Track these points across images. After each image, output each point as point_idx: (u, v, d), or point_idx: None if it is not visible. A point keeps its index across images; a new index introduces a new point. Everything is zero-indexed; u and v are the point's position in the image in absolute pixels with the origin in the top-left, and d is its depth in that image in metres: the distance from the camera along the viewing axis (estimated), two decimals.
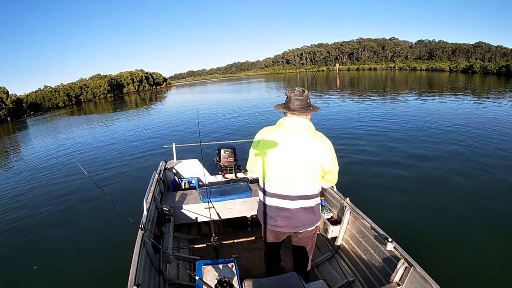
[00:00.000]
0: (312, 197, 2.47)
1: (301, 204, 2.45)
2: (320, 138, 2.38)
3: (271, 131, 2.49)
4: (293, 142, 2.36)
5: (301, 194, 2.43)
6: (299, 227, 2.53)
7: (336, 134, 11.65)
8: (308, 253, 2.75)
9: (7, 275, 4.98)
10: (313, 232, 2.68)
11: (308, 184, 2.41)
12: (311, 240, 2.72)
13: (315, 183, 2.45)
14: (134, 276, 2.36)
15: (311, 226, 2.57)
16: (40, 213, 7.29)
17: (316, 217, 2.56)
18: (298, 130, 2.39)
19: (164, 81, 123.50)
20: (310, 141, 2.35)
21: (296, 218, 2.49)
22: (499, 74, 48.08)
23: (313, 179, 2.42)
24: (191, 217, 4.20)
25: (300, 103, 2.39)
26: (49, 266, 5.08)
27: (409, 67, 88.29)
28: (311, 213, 2.51)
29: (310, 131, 2.40)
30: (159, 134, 16.09)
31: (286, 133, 2.40)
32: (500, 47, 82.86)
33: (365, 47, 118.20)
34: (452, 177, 6.90)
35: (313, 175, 2.40)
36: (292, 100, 2.41)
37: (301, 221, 2.51)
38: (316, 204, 2.53)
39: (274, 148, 2.40)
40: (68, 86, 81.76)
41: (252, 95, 37.42)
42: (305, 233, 2.62)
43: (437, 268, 2.80)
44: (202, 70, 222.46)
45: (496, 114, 13.90)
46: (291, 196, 2.43)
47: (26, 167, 12.64)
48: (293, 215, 2.48)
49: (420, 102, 20.44)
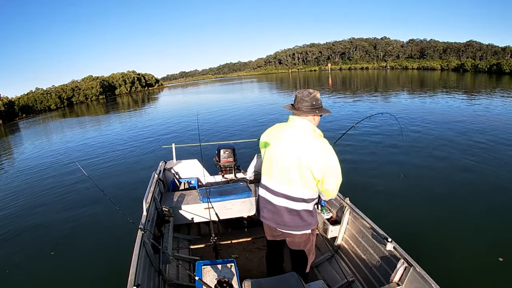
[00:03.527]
0: (297, 201, 2.43)
1: (284, 203, 2.47)
2: (316, 141, 2.33)
3: (276, 127, 2.56)
4: (289, 140, 2.39)
5: (285, 193, 2.45)
6: (283, 226, 2.54)
7: (336, 133, 11.55)
8: (303, 256, 2.72)
9: (7, 275, 4.96)
10: (304, 239, 2.62)
11: (296, 185, 2.39)
12: (304, 245, 2.66)
13: (304, 188, 2.40)
14: (134, 276, 2.36)
15: (297, 230, 2.54)
16: (40, 214, 7.26)
17: (304, 223, 2.50)
18: (297, 129, 2.40)
19: (156, 82, 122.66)
20: (304, 142, 2.34)
21: (279, 215, 2.52)
22: (490, 72, 48.73)
23: (303, 182, 2.37)
24: (190, 217, 4.20)
25: (305, 104, 2.39)
26: (49, 267, 5.07)
27: (401, 66, 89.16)
28: (297, 216, 2.48)
29: (309, 132, 2.38)
30: (158, 134, 16.03)
31: (285, 131, 2.45)
32: (491, 45, 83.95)
33: (356, 46, 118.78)
34: (452, 177, 6.93)
35: (301, 177, 2.36)
36: (297, 100, 2.44)
37: (284, 221, 2.52)
38: (303, 210, 2.47)
39: (272, 143, 2.50)
40: (60, 88, 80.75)
41: (251, 95, 37.32)
42: (294, 236, 2.60)
43: (437, 268, 2.81)
44: (194, 71, 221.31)
45: (489, 112, 14.10)
46: (275, 191, 2.49)
47: (24, 169, 12.50)
48: (276, 210, 2.53)
49: (413, 100, 20.61)
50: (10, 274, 4.99)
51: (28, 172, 11.71)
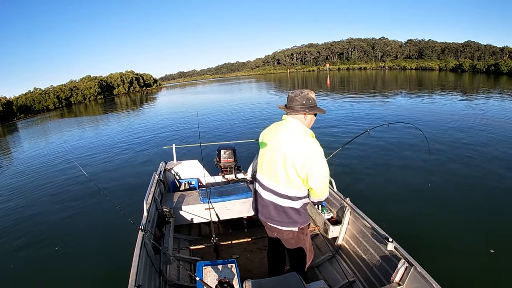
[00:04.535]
0: (283, 197, 2.47)
1: (271, 198, 2.53)
2: (303, 140, 2.35)
3: (272, 126, 2.63)
4: (278, 138, 2.46)
5: (272, 189, 2.50)
6: (270, 220, 2.59)
7: (335, 134, 11.71)
8: (299, 255, 2.73)
9: (8, 275, 4.96)
10: (291, 236, 2.62)
11: (282, 182, 2.43)
12: (295, 243, 2.66)
13: (290, 185, 2.42)
14: (135, 277, 2.36)
15: (283, 226, 2.55)
16: (40, 214, 7.25)
17: (289, 220, 2.52)
18: (286, 128, 2.45)
19: (155, 82, 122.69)
20: (291, 140, 2.36)
21: (267, 209, 2.59)
22: (488, 73, 48.81)
23: (288, 179, 2.40)
24: (191, 218, 4.20)
25: (295, 102, 2.42)
26: (49, 267, 5.06)
27: (399, 67, 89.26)
28: (283, 212, 2.51)
29: (296, 131, 2.40)
30: (158, 135, 15.99)
31: (277, 129, 2.51)
32: (489, 46, 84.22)
33: (355, 47, 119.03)
34: (452, 177, 6.94)
35: (286, 174, 2.38)
36: (289, 99, 2.48)
37: (271, 215, 2.56)
38: (289, 207, 2.49)
39: (266, 141, 2.60)
40: (58, 88, 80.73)
41: (250, 95, 37.28)
42: (281, 232, 2.62)
43: (437, 268, 2.81)
44: (193, 71, 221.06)
45: (488, 112, 14.13)
46: (265, 186, 2.57)
47: (24, 169, 12.46)
48: (265, 204, 2.60)
49: (413, 100, 20.62)
50: (10, 274, 4.99)
51: (27, 173, 11.67)
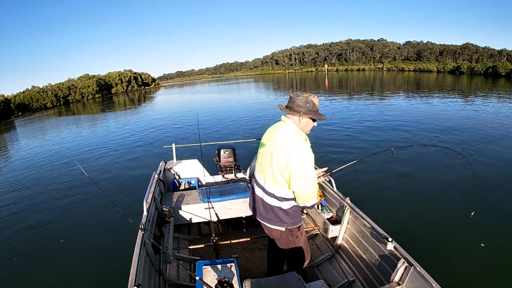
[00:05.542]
0: (270, 196, 2.50)
1: (261, 195, 2.59)
2: (291, 141, 2.35)
3: (271, 126, 2.65)
4: (271, 136, 2.51)
5: (261, 185, 2.56)
6: (260, 216, 2.65)
7: (335, 134, 11.72)
8: (295, 254, 2.74)
9: (7, 275, 4.95)
10: (279, 235, 2.64)
11: (269, 180, 2.46)
12: (286, 243, 2.68)
13: (276, 184, 2.43)
14: (135, 276, 2.36)
15: (270, 223, 2.59)
16: (39, 214, 7.23)
17: (277, 218, 2.54)
18: (281, 128, 2.47)
19: (153, 81, 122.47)
20: (280, 140, 2.39)
21: (257, 205, 2.65)
22: (486, 75, 48.92)
23: (274, 178, 2.41)
24: (191, 217, 4.19)
25: (293, 103, 2.44)
26: (49, 267, 5.05)
27: (397, 68, 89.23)
28: (270, 210, 2.55)
29: (287, 132, 2.41)
30: (158, 134, 15.99)
31: (274, 129, 2.54)
32: (488, 48, 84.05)
33: (353, 48, 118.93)
34: (452, 177, 6.95)
35: (272, 173, 2.41)
36: (289, 99, 2.50)
37: (260, 212, 2.63)
38: (276, 206, 2.51)
39: (263, 138, 2.64)
40: (56, 86, 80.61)
41: (249, 95, 37.27)
42: (270, 230, 2.67)
43: (437, 267, 2.82)
44: (191, 71, 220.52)
45: (487, 114, 14.19)
46: (257, 182, 2.65)
47: (23, 168, 12.45)
48: (255, 199, 2.68)
49: (411, 102, 20.64)
50: (10, 274, 4.98)
51: (26, 172, 11.65)
